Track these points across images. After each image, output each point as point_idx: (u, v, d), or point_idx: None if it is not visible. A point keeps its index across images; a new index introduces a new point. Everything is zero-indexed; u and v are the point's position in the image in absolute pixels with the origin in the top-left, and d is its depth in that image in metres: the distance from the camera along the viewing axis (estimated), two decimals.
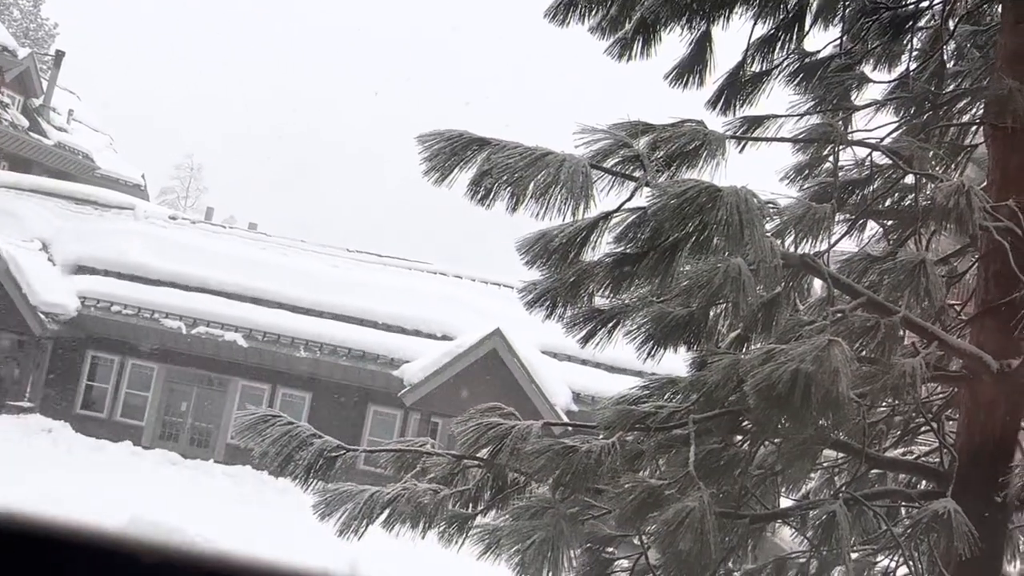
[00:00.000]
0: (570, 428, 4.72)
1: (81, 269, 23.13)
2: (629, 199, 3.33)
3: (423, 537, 4.16)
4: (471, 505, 4.30)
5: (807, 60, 4.76)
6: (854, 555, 4.45)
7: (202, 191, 71.94)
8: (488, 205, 3.25)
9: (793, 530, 4.73)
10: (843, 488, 4.36)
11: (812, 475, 5.01)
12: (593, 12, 4.63)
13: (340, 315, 22.78)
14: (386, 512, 4.04)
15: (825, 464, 4.99)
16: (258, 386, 22.80)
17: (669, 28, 4.53)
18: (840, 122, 4.40)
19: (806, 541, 4.28)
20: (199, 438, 22.90)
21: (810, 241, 3.89)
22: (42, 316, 21.22)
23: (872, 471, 4.82)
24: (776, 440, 4.27)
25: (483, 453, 4.08)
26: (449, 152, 3.29)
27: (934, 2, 4.95)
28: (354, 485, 4.17)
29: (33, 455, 18.73)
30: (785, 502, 4.84)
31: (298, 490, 4.25)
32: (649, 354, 3.96)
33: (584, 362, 21.08)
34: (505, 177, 3.17)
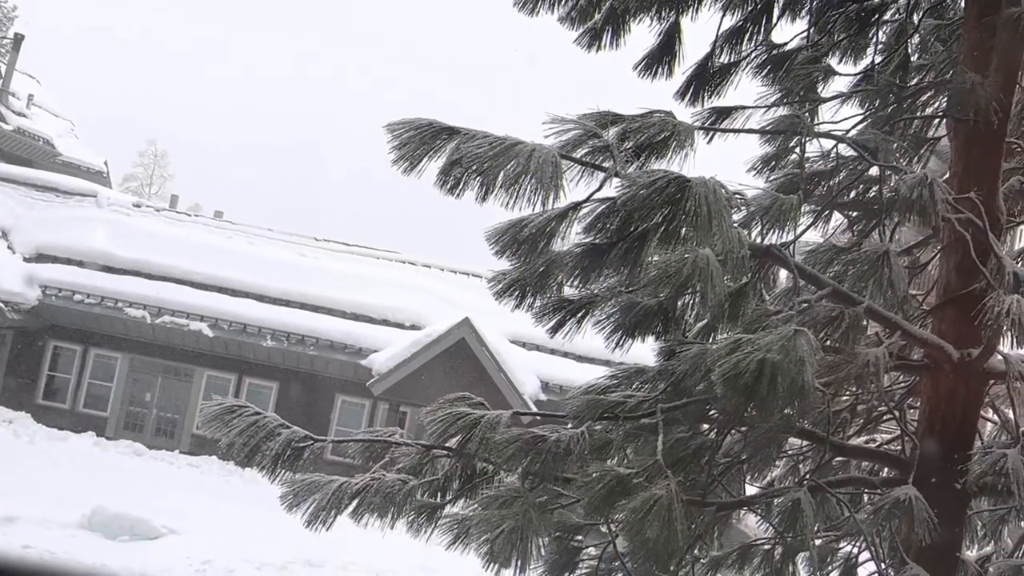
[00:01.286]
0: (539, 417, 4.74)
1: (42, 257, 22.71)
2: (598, 189, 3.34)
3: (392, 527, 4.16)
4: (440, 495, 4.30)
5: (775, 52, 4.79)
6: (818, 541, 4.52)
7: (167, 178, 70.99)
8: (458, 195, 3.24)
9: (758, 517, 4.79)
10: (807, 476, 4.43)
11: (777, 463, 5.08)
12: (563, 2, 4.63)
13: (307, 304, 22.62)
14: (355, 502, 4.03)
15: (790, 452, 5.06)
16: (224, 376, 22.60)
17: (639, 19, 4.54)
18: (807, 114, 4.44)
19: (771, 528, 4.34)
20: (164, 428, 22.66)
21: (777, 232, 3.93)
22: (1, 305, 20.82)
23: (836, 459, 4.89)
24: (743, 428, 4.32)
25: (452, 443, 4.08)
26: (418, 141, 3.27)
27: None
28: (322, 476, 4.15)
29: None
30: (751, 490, 4.90)
31: (265, 481, 4.22)
32: (618, 344, 3.99)
33: (552, 351, 21.15)
34: (475, 167, 3.16)
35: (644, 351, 4.56)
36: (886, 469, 4.74)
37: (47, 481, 15.81)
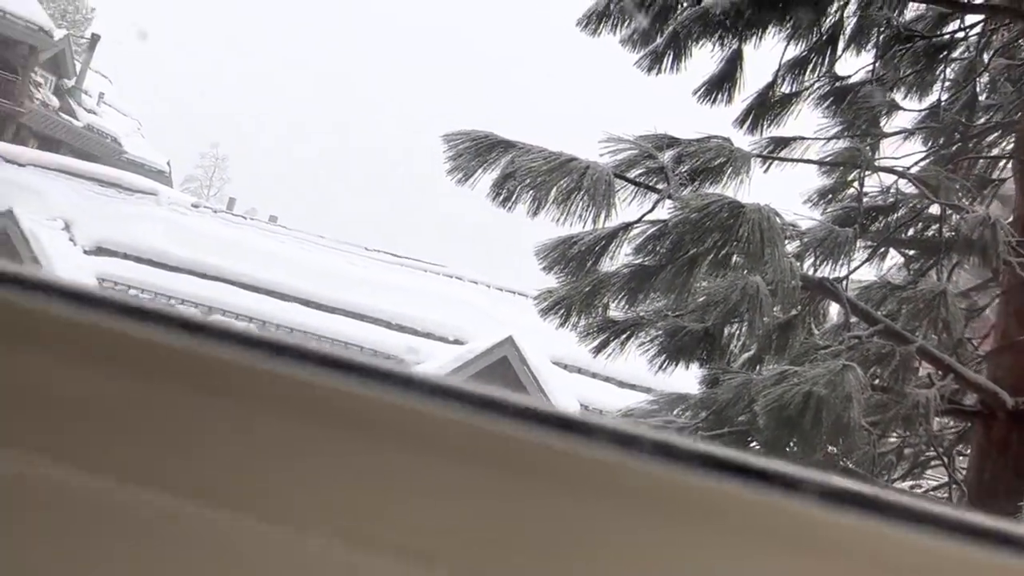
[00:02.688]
0: None
1: (101, 251, 23.30)
2: (651, 211, 3.33)
3: None
4: None
5: (838, 84, 4.73)
6: None
7: (225, 181, 72.45)
8: (510, 208, 3.25)
9: None
10: None
11: None
12: (625, 24, 4.63)
13: (353, 313, 22.82)
14: None
15: None
16: None
17: (701, 44, 4.53)
18: (868, 148, 4.37)
19: None
20: None
21: (830, 265, 3.87)
22: None
23: None
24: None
25: None
26: (474, 152, 3.30)
27: (969, 34, 4.92)
28: None
29: None
30: None
31: None
32: (661, 367, 3.95)
33: (594, 375, 21.00)
34: (528, 181, 3.17)
35: (687, 380, 4.50)
36: None
37: None
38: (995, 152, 4.89)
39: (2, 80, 31.02)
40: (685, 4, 4.58)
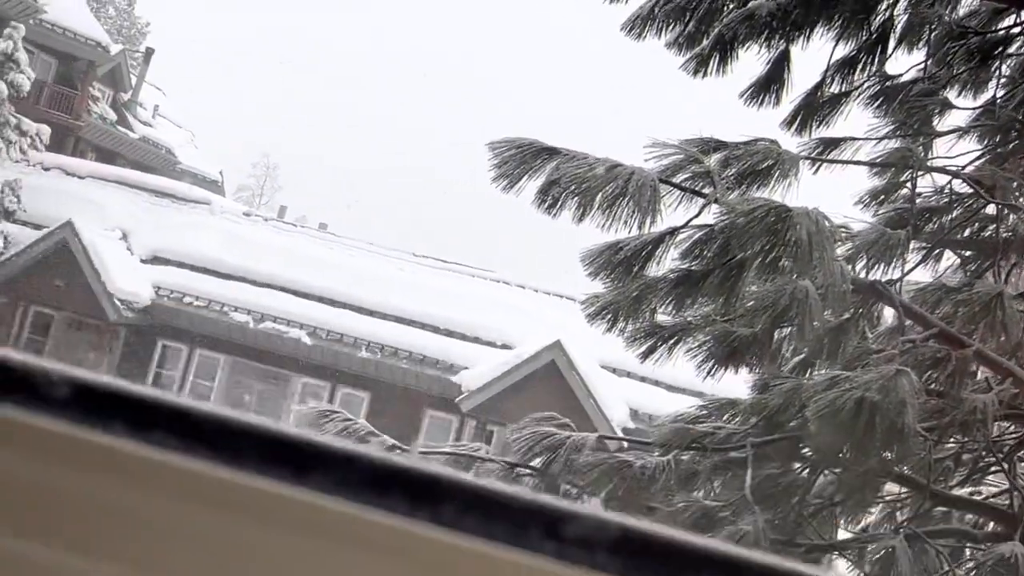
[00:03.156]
0: (625, 443, 4.69)
1: (157, 260, 23.87)
2: (697, 215, 3.31)
3: None
4: None
5: (888, 83, 4.65)
6: None
7: (276, 189, 73.73)
8: (555, 214, 3.26)
9: (850, 563, 4.60)
10: (905, 524, 4.24)
11: (873, 508, 4.88)
12: (671, 27, 4.61)
13: (402, 318, 23.03)
14: None
15: (887, 498, 4.85)
16: (319, 383, 23.19)
17: (747, 46, 4.48)
18: (920, 148, 4.29)
19: None
20: None
21: (882, 268, 3.80)
22: (118, 303, 21.96)
23: (937, 508, 4.66)
24: (837, 469, 4.17)
25: (537, 462, 4.08)
26: (519, 160, 3.31)
27: None
28: None
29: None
30: (843, 534, 4.72)
31: None
32: (709, 373, 3.92)
33: (643, 379, 20.90)
34: (573, 187, 3.17)
35: (737, 384, 4.47)
36: (991, 523, 4.49)
37: None
38: None
39: (62, 95, 31.95)
40: (731, 6, 4.55)
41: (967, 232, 4.54)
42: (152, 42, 50.42)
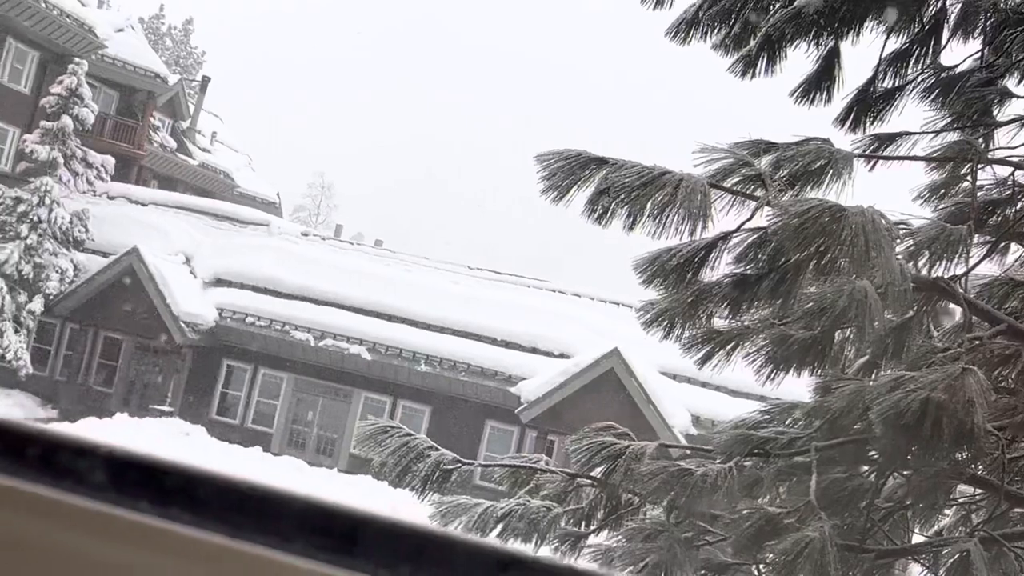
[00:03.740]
0: (687, 451, 4.64)
1: (219, 282, 24.45)
2: (749, 219, 3.27)
3: (535, 553, 4.18)
4: (584, 524, 4.28)
5: (944, 75, 4.54)
6: None
7: (332, 208, 74.87)
8: (605, 224, 3.26)
9: (923, 568, 4.48)
10: (980, 526, 4.11)
11: (946, 511, 4.74)
12: (716, 30, 4.58)
13: (460, 331, 23.18)
14: (500, 527, 4.08)
15: (960, 500, 4.71)
16: (380, 398, 23.44)
17: (795, 45, 4.43)
18: (980, 139, 4.18)
19: None
20: (324, 447, 23.73)
21: (945, 264, 3.71)
22: (183, 326, 22.54)
23: (1014, 510, 4.51)
24: (906, 472, 4.07)
25: (597, 472, 4.07)
26: (567, 171, 3.32)
27: None
28: (469, 498, 4.23)
29: (173, 457, 19.83)
30: (916, 538, 4.60)
31: (415, 501, 4.35)
32: (769, 377, 3.86)
33: (704, 384, 20.67)
34: (622, 196, 3.17)
35: (799, 386, 4.39)
36: None
37: None
38: None
39: (125, 126, 32.96)
40: (777, 5, 4.50)
41: None
42: (208, 70, 51.78)
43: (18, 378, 22.68)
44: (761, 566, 3.81)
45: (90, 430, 19.76)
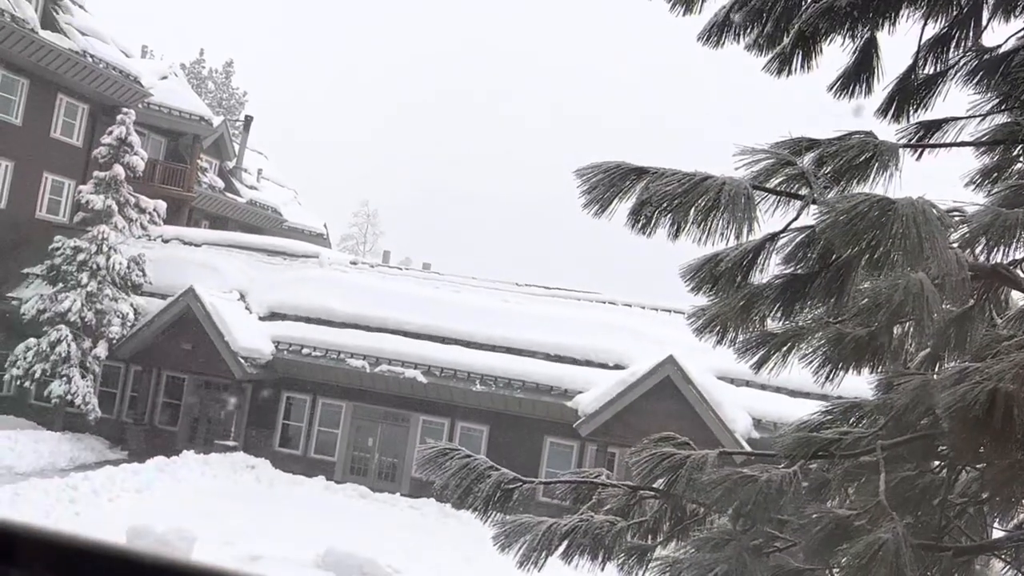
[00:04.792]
0: (749, 456, 4.57)
1: (274, 315, 24.86)
2: (796, 218, 3.23)
3: (602, 569, 4.14)
4: (649, 536, 4.24)
5: (986, 56, 4.43)
6: None
7: (379, 235, 75.74)
8: (649, 234, 3.24)
9: (1005, 564, 4.34)
10: None
11: None
12: (748, 30, 4.54)
13: (513, 348, 23.19)
14: (564, 543, 4.06)
15: None
16: (438, 420, 23.54)
17: (830, 39, 4.37)
18: None
19: None
20: (386, 472, 23.88)
21: (1003, 249, 3.61)
22: (242, 360, 22.95)
23: None
24: (979, 466, 3.95)
25: (659, 484, 4.03)
26: (608, 184, 3.31)
27: None
28: (532, 517, 4.22)
29: (240, 491, 20.19)
30: (997, 533, 4.45)
31: (479, 522, 4.35)
32: (827, 377, 3.79)
33: (763, 387, 20.36)
34: (664, 205, 3.15)
35: (860, 384, 4.30)
36: None
37: (285, 523, 17.09)
38: None
39: (173, 170, 33.81)
40: (808, 1, 4.45)
41: None
42: (250, 109, 52.90)
43: (87, 422, 23.29)
44: (835, 570, 3.72)
45: (159, 468, 20.18)
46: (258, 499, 19.52)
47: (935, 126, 4.30)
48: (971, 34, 4.43)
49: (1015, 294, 4.06)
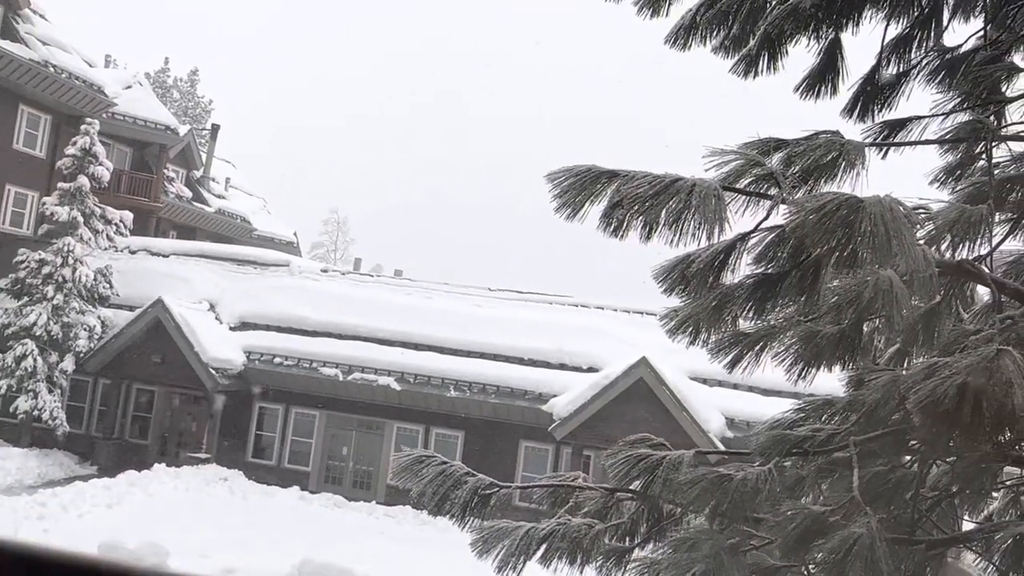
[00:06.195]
0: (724, 456, 4.60)
1: (245, 325, 24.63)
2: (765, 218, 3.25)
3: (581, 572, 4.15)
4: (627, 538, 4.25)
5: (948, 56, 4.51)
6: None
7: (349, 243, 75.39)
8: (621, 236, 3.25)
9: (977, 555, 4.40)
10: None
11: (994, 494, 4.66)
12: (715, 33, 4.58)
13: (487, 353, 23.16)
14: (543, 548, 4.06)
15: (1008, 482, 4.63)
16: (412, 427, 23.45)
17: (795, 40, 4.42)
18: (991, 117, 4.14)
19: (992, 567, 3.97)
20: (361, 480, 23.73)
21: (968, 245, 3.67)
22: (213, 371, 22.70)
23: None
24: (949, 459, 4.01)
25: (635, 485, 4.04)
26: (579, 187, 3.32)
27: None
28: (509, 522, 4.21)
29: (213, 503, 19.96)
30: (967, 526, 4.52)
31: (457, 529, 4.33)
32: (800, 375, 3.83)
33: (736, 386, 20.52)
34: (636, 207, 3.16)
35: (832, 381, 4.34)
36: None
37: (259, 534, 16.92)
38: None
39: (140, 180, 33.41)
40: (773, 2, 4.49)
41: None
42: (216, 117, 52.44)
43: (55, 437, 22.91)
44: (811, 566, 3.75)
45: (130, 482, 19.89)
46: (232, 511, 19.30)
47: (900, 125, 4.36)
48: (932, 34, 4.51)
49: (980, 289, 4.12)
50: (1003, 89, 4.41)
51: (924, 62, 4.51)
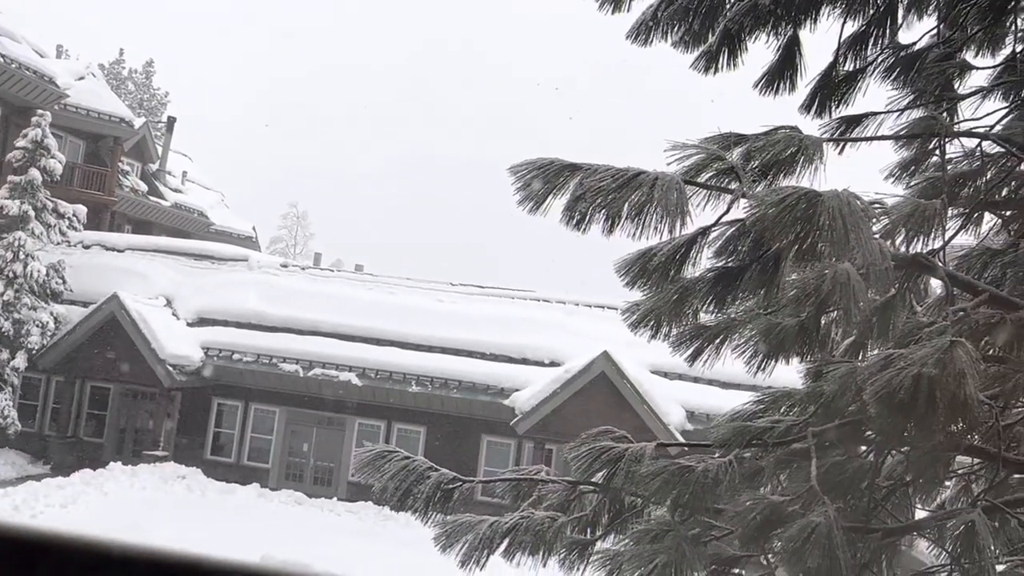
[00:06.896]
0: (685, 448, 4.65)
1: (203, 321, 24.28)
2: (726, 212, 3.29)
3: (544, 565, 4.16)
4: (589, 531, 4.27)
5: (903, 53, 4.59)
6: (1000, 567, 4.19)
7: (309, 237, 74.73)
8: (584, 230, 3.26)
9: (930, 543, 4.50)
10: (982, 496, 4.14)
11: (947, 483, 4.77)
12: (675, 28, 4.61)
13: (448, 348, 23.12)
14: (506, 541, 4.06)
15: (960, 471, 4.74)
16: (374, 423, 23.34)
17: (755, 36, 4.47)
18: (944, 113, 4.23)
19: (945, 554, 4.07)
20: (322, 477, 23.56)
21: (922, 239, 3.74)
22: (170, 368, 22.36)
23: (1013, 477, 4.54)
24: (904, 449, 4.09)
25: (598, 478, 4.06)
26: (542, 180, 3.33)
27: None
28: (473, 516, 4.21)
29: (171, 501, 19.67)
30: (921, 514, 4.61)
31: (420, 524, 4.32)
32: (760, 367, 3.88)
33: (696, 379, 20.72)
34: (599, 200, 3.18)
35: (791, 373, 4.41)
36: None
37: (219, 532, 16.72)
38: None
39: (93, 173, 32.75)
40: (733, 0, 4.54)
41: (1004, 192, 4.45)
42: (172, 110, 51.58)
43: (7, 436, 22.39)
44: (770, 556, 3.81)
45: (85, 482, 19.52)
46: (190, 509, 19.05)
47: (856, 121, 4.44)
48: (888, 32, 4.59)
49: (934, 282, 4.21)
50: (955, 86, 4.51)
51: (880, 59, 4.59)
